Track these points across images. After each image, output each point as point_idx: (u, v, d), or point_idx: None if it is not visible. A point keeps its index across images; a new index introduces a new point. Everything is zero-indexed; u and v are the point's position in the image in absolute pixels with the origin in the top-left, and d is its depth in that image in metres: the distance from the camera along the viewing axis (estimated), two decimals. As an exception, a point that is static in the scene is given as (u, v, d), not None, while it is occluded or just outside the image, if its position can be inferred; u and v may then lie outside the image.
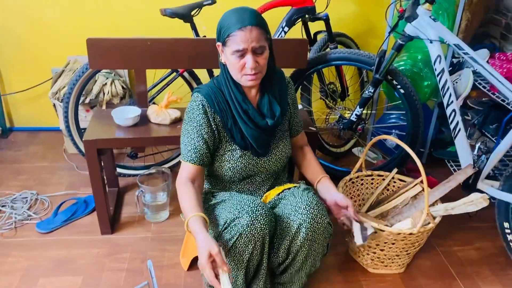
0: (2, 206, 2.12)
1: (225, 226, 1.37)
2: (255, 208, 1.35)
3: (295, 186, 1.55)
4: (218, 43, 1.43)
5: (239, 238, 1.34)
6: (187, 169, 1.45)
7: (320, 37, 2.54)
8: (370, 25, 2.81)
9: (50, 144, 2.75)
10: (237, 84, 1.46)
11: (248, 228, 1.33)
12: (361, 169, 1.97)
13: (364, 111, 2.19)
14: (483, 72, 1.77)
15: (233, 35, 1.34)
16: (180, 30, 2.41)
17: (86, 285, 1.71)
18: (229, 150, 1.50)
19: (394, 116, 2.67)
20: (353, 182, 2.01)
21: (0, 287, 1.68)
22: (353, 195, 2.03)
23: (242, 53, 1.35)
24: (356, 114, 2.16)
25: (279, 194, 1.55)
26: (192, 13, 2.24)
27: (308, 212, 1.40)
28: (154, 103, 2.29)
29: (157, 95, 2.40)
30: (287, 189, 1.55)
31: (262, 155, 1.52)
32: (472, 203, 1.61)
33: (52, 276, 1.75)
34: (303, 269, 1.52)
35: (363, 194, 2.05)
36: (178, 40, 1.94)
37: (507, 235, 1.81)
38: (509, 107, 2.05)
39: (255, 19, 1.36)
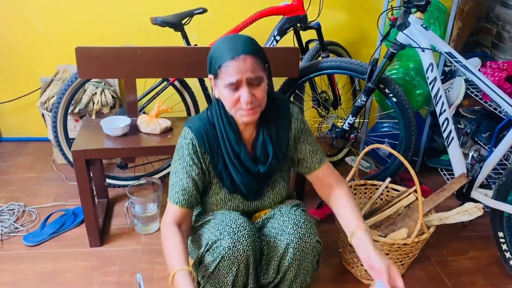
0: (-12, 219, 2.07)
1: (207, 248, 1.32)
2: (237, 229, 1.29)
3: (284, 204, 1.49)
4: (210, 76, 1.30)
5: (221, 261, 1.29)
6: (173, 212, 1.34)
7: (312, 45, 2.54)
8: (362, 34, 2.81)
9: (38, 154, 2.71)
10: (232, 121, 1.34)
11: (230, 251, 1.28)
12: (354, 178, 1.95)
13: (357, 120, 2.18)
14: (475, 80, 1.76)
15: (225, 65, 1.20)
16: (171, 39, 2.40)
17: (74, 300, 1.67)
18: (217, 193, 1.43)
19: (386, 125, 2.66)
20: (346, 192, 1.99)
21: (-16, 303, 1.64)
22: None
23: (236, 86, 1.22)
24: (348, 123, 2.15)
25: (267, 213, 1.49)
26: (183, 21, 2.22)
27: (296, 231, 1.36)
28: (144, 112, 2.26)
29: (147, 104, 2.37)
30: (276, 207, 1.50)
31: (253, 200, 1.45)
32: (466, 212, 1.60)
33: (39, 291, 1.70)
34: (293, 287, 1.49)
35: (358, 204, 2.03)
36: (168, 49, 1.92)
37: (502, 245, 1.80)
38: (502, 115, 2.05)
39: (249, 47, 1.22)
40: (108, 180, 2.32)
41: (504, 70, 2.13)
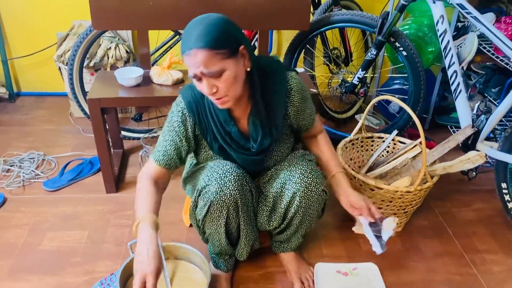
0: (11, 166, 2.17)
1: (198, 193, 1.38)
2: (224, 175, 1.32)
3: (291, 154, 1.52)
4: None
5: (211, 205, 1.34)
6: (153, 167, 1.37)
7: (324, 0, 2.52)
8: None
9: (56, 108, 2.79)
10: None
11: (218, 195, 1.32)
12: (362, 131, 1.99)
13: (368, 75, 2.19)
14: (486, 32, 1.75)
15: (183, 58, 1.16)
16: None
17: (91, 239, 1.78)
18: (211, 156, 1.45)
19: (398, 81, 2.66)
20: (353, 144, 2.03)
21: (10, 240, 1.75)
22: (352, 157, 2.05)
23: (198, 78, 1.17)
24: (358, 77, 2.16)
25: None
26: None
27: (302, 181, 1.40)
28: (157, 65, 2.30)
29: (159, 58, 2.41)
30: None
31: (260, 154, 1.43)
32: (469, 160, 1.63)
33: (59, 231, 1.81)
34: (299, 231, 1.57)
35: (362, 156, 2.07)
36: (180, 0, 1.94)
37: (505, 196, 1.83)
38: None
39: (202, 39, 1.11)
40: (123, 132, 2.40)
41: (518, 25, 2.10)
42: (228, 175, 1.33)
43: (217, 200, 1.33)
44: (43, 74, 2.87)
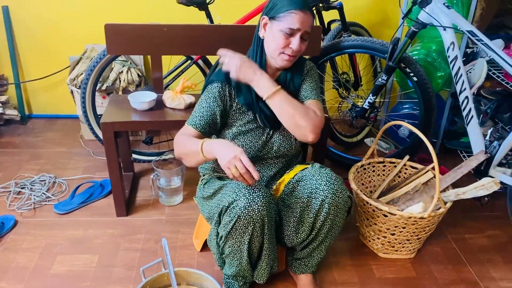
0: (22, 188, 2.18)
1: (224, 209, 1.39)
2: (252, 191, 1.35)
3: (308, 166, 1.56)
4: (265, 17, 1.45)
5: (237, 221, 1.35)
6: (189, 131, 1.48)
7: (334, 26, 2.56)
8: (384, 15, 2.81)
9: (67, 131, 2.82)
10: (264, 61, 1.50)
11: (246, 211, 1.33)
12: (373, 155, 1.99)
13: (377, 100, 2.20)
14: (496, 58, 1.77)
15: (293, 12, 1.37)
16: (195, 18, 2.45)
17: (102, 263, 1.76)
18: (241, 125, 1.53)
19: (407, 106, 2.68)
20: (364, 169, 2.03)
21: (20, 263, 1.74)
22: (364, 182, 2.05)
23: (292, 33, 1.39)
24: (369, 102, 2.17)
25: (293, 177, 1.55)
26: (207, 1, 2.27)
27: (329, 188, 1.43)
28: (169, 90, 2.33)
29: (172, 82, 2.44)
30: (301, 170, 1.56)
31: (271, 129, 1.55)
32: (483, 187, 1.62)
33: (69, 254, 1.80)
34: (324, 243, 1.57)
35: (374, 180, 2.07)
36: (193, 27, 1.97)
37: (519, 222, 1.82)
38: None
39: (308, 6, 1.41)
40: (134, 155, 2.41)
41: (528, 51, 2.12)
42: (256, 191, 1.35)
43: (244, 215, 1.34)
44: (54, 96, 2.91)
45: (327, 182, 1.43)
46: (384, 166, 2.06)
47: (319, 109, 1.52)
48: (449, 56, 1.89)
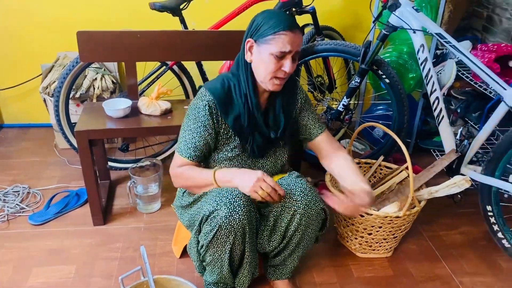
0: (-6, 200, 2.13)
1: (205, 218, 1.38)
2: (233, 200, 1.34)
3: (285, 175, 1.56)
4: (250, 39, 1.37)
5: (219, 230, 1.34)
6: (183, 163, 1.46)
7: (307, 30, 2.59)
8: (356, 19, 2.86)
9: (40, 140, 2.76)
10: (256, 87, 1.44)
11: (227, 220, 1.32)
12: (349, 157, 2.02)
13: (352, 102, 2.24)
14: (464, 60, 1.82)
15: (282, 34, 1.30)
16: (169, 24, 2.45)
17: (79, 274, 1.74)
18: (227, 150, 1.49)
19: (381, 107, 2.73)
20: (341, 170, 2.05)
21: (-6, 277, 1.70)
22: (341, 183, 2.07)
23: (282, 56, 1.33)
24: (343, 104, 2.20)
25: None
26: (181, 6, 2.27)
27: (303, 198, 1.43)
28: (144, 96, 2.32)
29: (147, 88, 2.42)
30: (278, 179, 1.56)
31: (258, 157, 1.53)
32: (455, 185, 1.67)
33: (45, 266, 1.77)
34: (296, 252, 1.57)
35: (351, 182, 2.09)
36: (167, 33, 1.97)
37: (490, 218, 1.87)
38: (491, 95, 2.12)
39: (297, 25, 1.36)
40: (110, 163, 2.38)
41: (494, 52, 2.18)
42: (237, 200, 1.34)
43: (225, 225, 1.33)
44: (27, 105, 2.85)
45: (300, 193, 1.43)
46: (360, 167, 2.09)
47: (333, 138, 1.60)
48: (419, 58, 1.94)
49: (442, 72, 2.32)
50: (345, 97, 2.19)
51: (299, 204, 1.43)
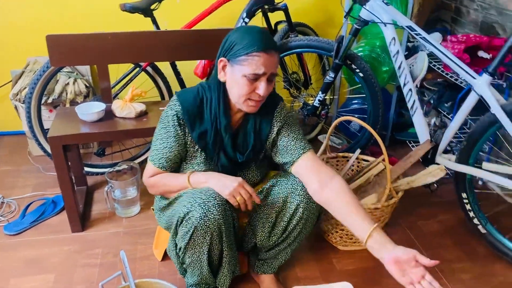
0: (-33, 211, 2.07)
1: (180, 221, 1.36)
2: (207, 200, 1.32)
3: (280, 172, 1.56)
4: (223, 58, 1.31)
5: (195, 231, 1.33)
6: (156, 171, 1.47)
7: (280, 27, 2.60)
8: (329, 15, 2.88)
9: (13, 148, 2.70)
10: (228, 108, 1.39)
11: (202, 221, 1.31)
12: (326, 152, 2.03)
13: (328, 97, 2.25)
14: (435, 51, 1.85)
15: (256, 55, 1.24)
16: (141, 25, 2.41)
17: (59, 282, 1.70)
18: (195, 163, 1.47)
19: (356, 101, 2.76)
20: (319, 165, 2.07)
21: (-31, 291, 1.66)
22: (320, 178, 2.09)
23: (256, 77, 1.27)
24: (319, 100, 2.22)
25: (266, 184, 1.53)
26: (152, 7, 2.25)
27: (305, 193, 1.43)
28: (118, 99, 2.29)
29: (120, 91, 2.39)
30: (274, 176, 1.56)
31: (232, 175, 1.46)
32: (430, 174, 1.70)
33: (24, 276, 1.73)
34: (291, 246, 1.59)
35: (329, 176, 2.11)
36: (139, 34, 1.95)
37: (466, 205, 1.91)
38: (462, 85, 2.16)
39: (275, 44, 1.29)
40: (86, 168, 2.34)
41: (463, 43, 2.23)
42: (211, 200, 1.33)
43: (201, 225, 1.32)
44: (-3, 113, 2.78)
45: (303, 187, 1.44)
46: (338, 161, 2.11)
47: (319, 159, 1.42)
48: (391, 51, 1.97)
49: (414, 64, 2.36)
50: (320, 92, 2.21)
51: (302, 198, 1.43)
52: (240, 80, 1.28)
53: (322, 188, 1.35)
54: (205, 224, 1.32)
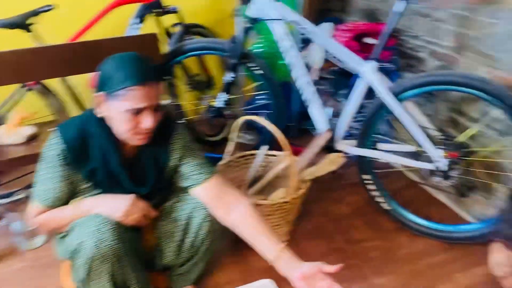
0: None
1: (73, 254, 1.28)
2: (98, 227, 1.24)
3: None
4: (100, 94, 1.21)
5: (92, 262, 1.26)
6: (40, 211, 1.33)
7: (176, 29, 2.55)
8: (223, 15, 2.88)
9: None
10: (116, 143, 1.29)
11: (97, 250, 1.23)
12: (233, 152, 2.04)
13: (233, 96, 2.25)
14: (321, 43, 1.92)
15: (132, 89, 1.16)
16: (24, 42, 2.24)
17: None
18: (91, 196, 1.36)
19: (262, 97, 2.78)
20: (229, 166, 2.07)
21: None
22: (232, 177, 2.09)
23: (139, 111, 1.19)
24: (223, 100, 2.21)
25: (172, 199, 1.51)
26: (28, 22, 2.08)
27: (204, 207, 1.43)
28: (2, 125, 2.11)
29: (6, 115, 2.20)
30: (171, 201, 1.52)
31: None
32: (331, 162, 1.76)
33: None
34: (203, 259, 1.57)
35: (241, 175, 2.12)
36: (18, 52, 1.79)
37: (369, 185, 2.01)
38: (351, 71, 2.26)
39: (154, 74, 1.21)
40: (-21, 203, 2.14)
41: (351, 31, 2.34)
42: (103, 227, 1.26)
43: (96, 255, 1.24)
44: None
45: (201, 204, 1.43)
46: (247, 159, 2.12)
47: (224, 184, 1.40)
48: (283, 47, 2.00)
49: (308, 55, 2.43)
50: (222, 93, 2.19)
51: (207, 212, 1.42)
52: (121, 115, 1.20)
53: (228, 214, 1.36)
54: (100, 252, 1.24)
